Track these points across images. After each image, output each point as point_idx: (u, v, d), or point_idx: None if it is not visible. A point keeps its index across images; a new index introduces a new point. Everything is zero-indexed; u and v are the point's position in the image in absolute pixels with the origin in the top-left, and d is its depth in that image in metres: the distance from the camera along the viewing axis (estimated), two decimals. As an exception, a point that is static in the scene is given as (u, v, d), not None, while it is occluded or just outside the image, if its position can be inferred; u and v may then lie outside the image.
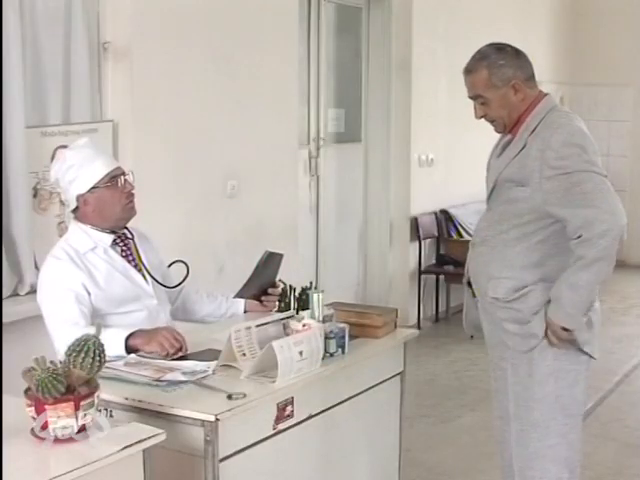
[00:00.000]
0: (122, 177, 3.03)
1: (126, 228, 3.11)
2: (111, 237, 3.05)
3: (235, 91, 5.02)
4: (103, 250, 3.02)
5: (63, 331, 2.77)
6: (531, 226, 2.84)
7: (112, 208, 3.01)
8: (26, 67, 3.92)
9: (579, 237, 2.73)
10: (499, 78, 2.83)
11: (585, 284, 2.75)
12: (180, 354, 2.78)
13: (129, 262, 3.07)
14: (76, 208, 3.03)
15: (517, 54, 2.89)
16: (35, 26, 4.01)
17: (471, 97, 2.92)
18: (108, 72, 4.36)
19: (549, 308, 2.82)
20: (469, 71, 2.89)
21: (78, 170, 2.97)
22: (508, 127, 2.92)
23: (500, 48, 2.88)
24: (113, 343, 2.68)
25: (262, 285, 3.31)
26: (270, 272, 3.32)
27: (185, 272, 3.21)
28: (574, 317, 2.80)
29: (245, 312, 3.33)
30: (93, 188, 2.98)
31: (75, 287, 2.91)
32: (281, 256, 3.29)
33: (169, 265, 3.30)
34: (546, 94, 2.94)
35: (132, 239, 3.11)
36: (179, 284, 3.22)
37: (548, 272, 2.84)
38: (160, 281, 3.12)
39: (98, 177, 2.98)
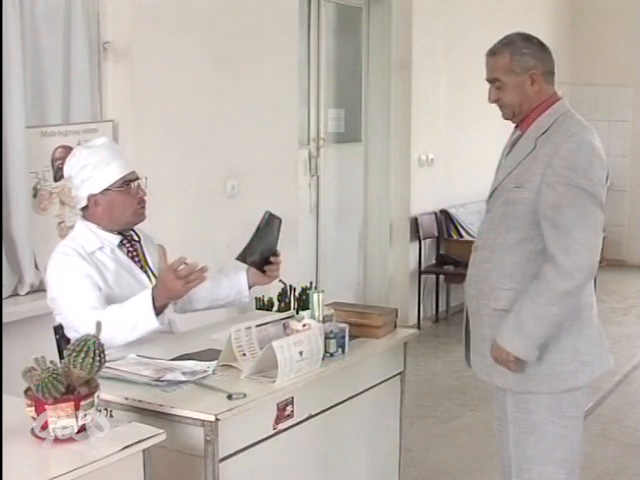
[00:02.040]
0: (136, 182, 3.03)
1: (133, 230, 3.12)
2: (118, 238, 3.06)
3: (235, 91, 5.02)
4: (110, 249, 3.03)
5: (88, 317, 2.76)
6: (530, 231, 2.80)
7: (122, 212, 3.01)
8: (26, 67, 3.92)
9: (554, 261, 2.70)
10: (520, 65, 2.83)
11: (553, 318, 2.73)
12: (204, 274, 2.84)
13: (135, 263, 3.08)
14: (85, 207, 3.03)
15: (542, 47, 2.89)
16: (35, 26, 4.01)
17: (488, 80, 2.91)
18: (108, 72, 4.36)
19: (503, 333, 2.77)
20: (493, 53, 2.88)
21: (92, 170, 2.97)
22: (516, 117, 2.89)
23: (527, 38, 2.89)
24: (141, 312, 2.77)
25: (263, 252, 3.18)
26: (271, 237, 3.18)
27: None
28: (531, 349, 2.76)
29: (250, 288, 3.26)
30: (105, 190, 2.98)
31: (87, 276, 2.91)
32: (280, 220, 3.15)
33: None
34: (560, 97, 2.90)
35: (139, 241, 3.12)
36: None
37: None
38: None
39: (112, 180, 2.98)
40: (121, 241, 3.07)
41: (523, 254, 2.82)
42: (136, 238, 3.13)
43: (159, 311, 2.82)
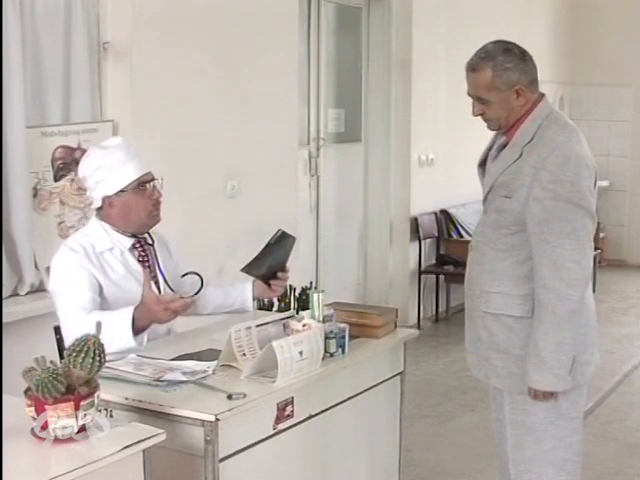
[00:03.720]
0: (151, 183, 3.01)
1: (147, 233, 3.09)
2: (131, 241, 3.03)
3: (235, 91, 5.02)
4: (120, 252, 3.01)
5: (73, 316, 2.78)
6: (519, 237, 2.79)
7: (137, 214, 2.99)
8: (26, 67, 3.92)
9: (545, 286, 2.68)
10: (503, 81, 2.74)
11: (570, 340, 2.71)
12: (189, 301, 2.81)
13: (144, 268, 3.03)
14: (100, 207, 3.02)
15: (523, 57, 2.78)
16: (35, 26, 4.01)
17: (471, 95, 2.84)
18: (108, 72, 4.36)
19: (532, 376, 2.74)
20: (473, 69, 2.79)
21: (107, 172, 2.94)
22: (503, 129, 2.86)
23: (507, 49, 2.78)
24: (120, 329, 2.72)
25: (271, 266, 3.16)
26: (281, 254, 3.16)
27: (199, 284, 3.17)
28: (563, 378, 2.74)
29: (254, 299, 3.27)
30: (120, 192, 2.96)
31: (88, 277, 2.90)
32: (294, 239, 3.14)
33: (182, 276, 3.21)
34: (542, 95, 2.84)
35: (152, 245, 3.10)
36: (193, 296, 3.15)
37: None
38: (174, 290, 3.07)
39: (127, 182, 2.96)
40: (133, 244, 3.04)
41: (513, 259, 2.82)
42: (150, 241, 3.10)
43: (139, 330, 2.77)
